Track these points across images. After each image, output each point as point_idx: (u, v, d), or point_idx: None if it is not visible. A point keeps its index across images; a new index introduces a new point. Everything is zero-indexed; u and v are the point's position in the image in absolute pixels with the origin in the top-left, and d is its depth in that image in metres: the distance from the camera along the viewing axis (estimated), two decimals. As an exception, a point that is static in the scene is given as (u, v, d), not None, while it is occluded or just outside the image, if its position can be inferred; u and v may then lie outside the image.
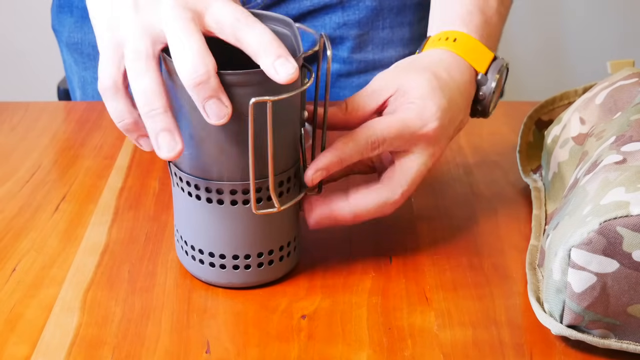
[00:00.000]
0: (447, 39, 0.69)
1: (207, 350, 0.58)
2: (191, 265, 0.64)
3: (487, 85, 0.69)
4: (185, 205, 0.62)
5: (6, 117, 0.91)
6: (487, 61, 0.69)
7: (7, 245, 0.69)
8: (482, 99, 0.69)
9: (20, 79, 2.09)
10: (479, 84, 0.69)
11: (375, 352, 0.58)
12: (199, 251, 0.63)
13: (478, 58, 0.69)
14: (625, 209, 0.54)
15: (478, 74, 0.69)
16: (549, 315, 0.58)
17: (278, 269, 0.64)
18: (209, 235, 0.62)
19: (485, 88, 0.69)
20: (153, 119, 0.56)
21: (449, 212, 0.73)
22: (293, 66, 0.55)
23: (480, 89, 0.69)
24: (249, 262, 0.62)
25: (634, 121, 0.62)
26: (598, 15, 2.04)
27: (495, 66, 0.69)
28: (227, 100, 0.56)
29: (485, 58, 0.69)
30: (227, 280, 0.63)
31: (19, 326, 0.60)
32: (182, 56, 0.55)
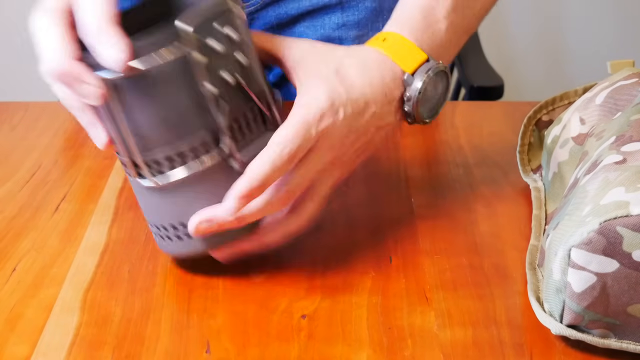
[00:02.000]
0: (377, 39, 0.67)
1: (207, 350, 0.58)
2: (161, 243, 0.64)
3: (413, 85, 0.66)
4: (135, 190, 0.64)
5: (6, 117, 0.91)
6: (417, 62, 0.66)
7: (7, 245, 0.69)
8: (407, 100, 0.66)
9: (20, 79, 2.09)
10: (405, 84, 0.66)
11: (375, 352, 0.58)
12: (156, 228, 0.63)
13: (406, 58, 0.66)
14: (625, 209, 0.54)
15: (404, 74, 0.66)
16: (549, 315, 0.58)
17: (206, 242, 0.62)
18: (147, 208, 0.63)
19: (410, 89, 0.66)
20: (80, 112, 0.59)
21: (449, 212, 0.73)
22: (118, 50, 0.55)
23: (407, 89, 0.66)
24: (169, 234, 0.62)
25: (634, 121, 0.62)
26: (598, 15, 2.04)
27: (425, 68, 0.66)
28: (95, 80, 0.56)
29: (414, 58, 0.66)
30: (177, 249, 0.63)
31: (19, 326, 0.60)
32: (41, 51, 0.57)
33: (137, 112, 0.59)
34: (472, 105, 0.93)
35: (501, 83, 1.29)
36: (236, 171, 0.61)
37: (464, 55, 1.38)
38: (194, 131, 0.59)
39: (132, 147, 0.60)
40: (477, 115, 0.90)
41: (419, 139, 0.85)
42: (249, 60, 0.61)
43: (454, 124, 0.88)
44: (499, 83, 1.29)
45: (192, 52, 0.57)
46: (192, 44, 0.57)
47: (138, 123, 0.59)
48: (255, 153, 0.60)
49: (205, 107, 0.59)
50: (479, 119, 0.89)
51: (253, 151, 0.61)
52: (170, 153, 0.60)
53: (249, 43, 0.62)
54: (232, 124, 0.61)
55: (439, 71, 0.67)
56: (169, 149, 0.59)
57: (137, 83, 0.58)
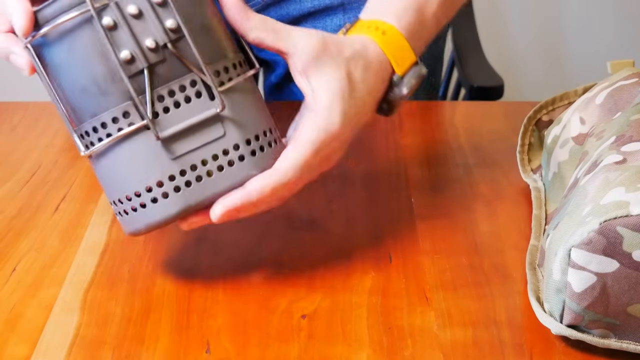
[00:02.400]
0: (377, 29, 0.66)
1: (207, 350, 0.58)
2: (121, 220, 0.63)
3: (399, 88, 0.66)
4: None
5: (6, 117, 0.91)
6: (408, 64, 0.66)
7: (7, 245, 0.69)
8: (390, 99, 0.66)
9: (21, 79, 2.09)
10: (392, 85, 0.66)
11: (375, 352, 0.58)
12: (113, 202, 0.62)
13: (400, 58, 0.66)
14: (625, 209, 0.54)
15: (394, 74, 0.66)
16: (549, 315, 0.58)
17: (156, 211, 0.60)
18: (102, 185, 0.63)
19: (397, 90, 0.66)
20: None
21: (449, 212, 0.73)
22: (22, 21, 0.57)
23: (392, 90, 0.66)
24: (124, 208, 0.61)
25: (634, 121, 0.62)
26: (598, 15, 2.04)
27: (414, 72, 0.66)
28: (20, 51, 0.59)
29: (406, 60, 0.66)
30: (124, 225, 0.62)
31: (19, 326, 0.60)
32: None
33: (61, 80, 0.59)
34: (472, 105, 0.93)
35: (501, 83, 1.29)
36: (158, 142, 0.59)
37: (464, 55, 1.38)
38: (115, 100, 0.59)
39: (65, 118, 0.61)
40: (477, 115, 0.90)
41: (419, 139, 0.85)
42: (184, 25, 0.59)
43: (454, 124, 0.88)
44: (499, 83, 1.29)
45: (94, 14, 0.57)
46: (94, 6, 0.57)
47: (63, 92, 0.59)
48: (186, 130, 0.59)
49: (124, 75, 0.58)
50: (479, 119, 0.89)
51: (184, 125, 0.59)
52: (95, 124, 0.59)
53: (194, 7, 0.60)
54: (162, 95, 0.59)
55: (421, 77, 0.67)
56: (94, 119, 0.59)
57: (52, 47, 0.58)
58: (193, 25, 0.59)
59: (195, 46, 0.59)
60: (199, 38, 0.60)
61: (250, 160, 0.61)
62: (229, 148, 0.60)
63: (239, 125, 0.61)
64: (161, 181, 0.59)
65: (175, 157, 0.59)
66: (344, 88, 0.62)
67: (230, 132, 0.60)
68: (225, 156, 0.60)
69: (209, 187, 0.60)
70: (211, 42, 0.60)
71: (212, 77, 0.60)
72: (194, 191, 0.60)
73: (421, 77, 0.67)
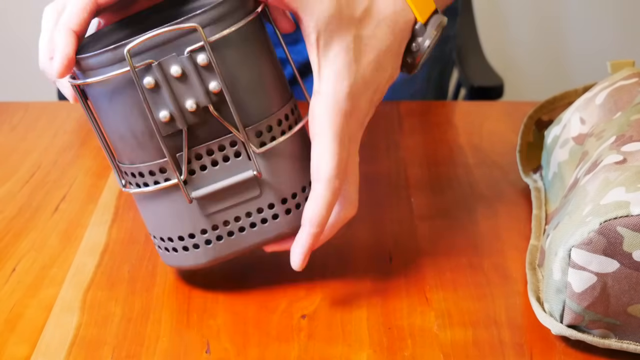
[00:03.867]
0: None
1: (207, 350, 0.58)
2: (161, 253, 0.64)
3: (424, 38, 0.63)
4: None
5: (6, 117, 0.91)
6: (429, 12, 0.63)
7: (7, 245, 0.69)
8: (414, 50, 0.63)
9: (20, 79, 2.09)
10: (415, 34, 0.63)
11: (375, 352, 0.58)
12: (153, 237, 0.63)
13: (421, 6, 0.63)
14: (625, 209, 0.54)
15: (417, 23, 0.63)
16: (549, 315, 0.58)
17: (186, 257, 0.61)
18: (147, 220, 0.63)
19: (420, 40, 0.63)
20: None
21: (449, 212, 0.73)
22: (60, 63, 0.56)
23: (416, 39, 0.63)
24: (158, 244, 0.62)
25: (634, 121, 0.62)
26: (598, 15, 2.04)
27: (435, 20, 0.63)
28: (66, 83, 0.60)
29: (427, 8, 0.63)
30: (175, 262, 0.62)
31: (19, 326, 0.60)
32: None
33: (101, 122, 0.60)
34: (472, 105, 0.93)
35: (501, 83, 1.29)
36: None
37: (464, 55, 1.38)
38: (152, 154, 0.58)
39: (105, 150, 0.61)
40: (477, 115, 0.90)
41: (419, 139, 0.85)
42: (230, 89, 0.57)
43: (454, 124, 0.88)
44: (499, 83, 1.29)
45: (135, 76, 0.55)
46: (135, 67, 0.55)
47: (106, 133, 0.60)
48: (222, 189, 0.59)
49: (165, 134, 0.57)
50: (479, 119, 0.89)
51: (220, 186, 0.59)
52: (133, 170, 0.60)
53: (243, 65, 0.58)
54: (200, 154, 0.58)
55: (441, 27, 0.64)
56: (132, 167, 0.60)
57: (94, 95, 0.58)
58: (239, 86, 0.58)
59: (237, 110, 0.58)
60: (245, 97, 0.58)
61: (284, 218, 0.61)
62: (263, 207, 0.60)
63: (276, 185, 0.60)
64: (193, 233, 0.60)
65: (209, 213, 0.60)
66: (349, 59, 0.59)
67: (267, 192, 0.60)
68: (259, 214, 0.60)
69: (240, 242, 0.61)
70: (257, 101, 0.59)
71: (253, 139, 0.59)
72: (224, 245, 0.61)
73: (441, 27, 0.64)
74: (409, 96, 1.02)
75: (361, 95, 0.60)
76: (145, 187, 0.60)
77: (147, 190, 0.59)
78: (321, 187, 0.59)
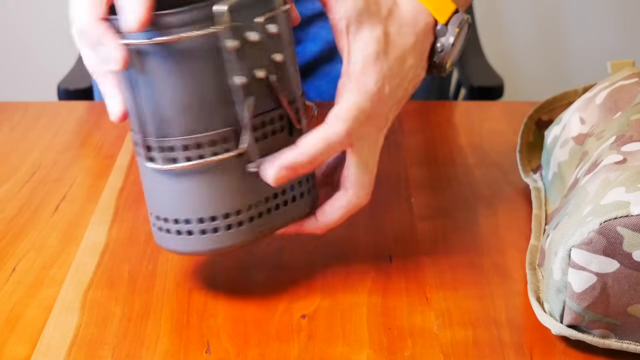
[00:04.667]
0: None
1: (207, 350, 0.58)
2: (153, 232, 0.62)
3: (446, 37, 0.64)
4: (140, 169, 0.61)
5: (6, 117, 0.91)
6: (449, 12, 0.64)
7: (7, 245, 0.69)
8: (439, 50, 0.65)
9: (20, 79, 2.09)
10: (438, 35, 0.65)
11: (375, 352, 0.58)
12: (150, 213, 0.61)
13: (440, 7, 0.64)
14: (625, 209, 0.54)
15: (438, 24, 0.64)
16: (549, 315, 0.58)
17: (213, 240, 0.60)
18: (148, 196, 0.60)
19: (444, 40, 0.64)
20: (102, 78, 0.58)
21: (449, 212, 0.73)
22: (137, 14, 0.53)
23: (439, 40, 0.64)
24: (178, 227, 0.59)
25: (634, 121, 0.62)
26: (598, 15, 2.04)
27: (456, 19, 0.65)
28: (114, 43, 0.55)
29: (447, 8, 0.65)
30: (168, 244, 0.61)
31: (19, 326, 0.60)
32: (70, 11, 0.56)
33: (159, 90, 0.56)
34: (472, 105, 0.94)
35: (501, 83, 1.29)
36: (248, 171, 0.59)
37: (464, 55, 1.38)
38: (216, 123, 0.57)
39: (148, 128, 0.57)
40: (477, 115, 0.90)
41: (419, 139, 0.85)
42: (286, 60, 0.58)
43: (454, 124, 0.88)
44: (499, 83, 1.29)
45: (225, 35, 0.55)
46: (226, 27, 0.54)
47: (159, 102, 0.56)
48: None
49: (231, 100, 0.57)
50: (479, 119, 0.89)
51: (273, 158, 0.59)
52: (188, 142, 0.57)
53: (290, 42, 0.59)
54: (257, 125, 0.58)
55: (466, 24, 0.66)
56: (188, 138, 0.57)
57: (162, 56, 0.55)
58: (290, 61, 0.59)
59: (292, 81, 0.59)
60: (292, 72, 0.60)
61: (308, 198, 0.63)
62: (295, 184, 0.61)
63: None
64: (240, 210, 0.59)
65: (257, 188, 0.59)
66: (379, 49, 0.60)
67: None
68: (291, 192, 0.61)
69: (273, 221, 0.61)
70: (297, 80, 0.61)
71: (303, 111, 0.61)
72: (261, 223, 0.60)
73: (465, 24, 0.66)
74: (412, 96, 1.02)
75: (385, 84, 0.61)
76: (201, 159, 0.57)
77: (205, 161, 0.57)
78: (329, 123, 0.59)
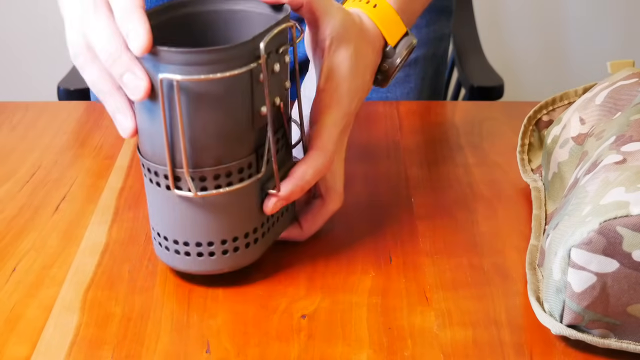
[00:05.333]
0: (368, 2, 0.69)
1: (207, 350, 0.58)
2: (162, 253, 0.63)
3: (393, 59, 0.69)
4: (148, 191, 0.62)
5: (6, 117, 0.91)
6: (399, 35, 0.70)
7: (7, 245, 0.69)
8: (383, 69, 0.70)
9: (20, 79, 2.09)
10: (385, 56, 0.69)
11: (375, 352, 0.58)
12: (164, 238, 0.62)
13: (391, 30, 0.69)
14: (625, 209, 0.54)
15: (387, 46, 0.69)
16: (549, 315, 0.58)
17: (234, 259, 0.63)
18: (167, 222, 0.61)
19: (390, 62, 0.69)
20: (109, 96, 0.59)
21: (449, 212, 0.73)
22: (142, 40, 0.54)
23: (386, 61, 0.69)
24: (201, 250, 0.62)
25: (634, 121, 0.62)
26: (598, 15, 2.04)
27: (405, 42, 0.70)
28: (142, 73, 0.56)
29: (398, 31, 0.69)
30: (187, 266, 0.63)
31: (19, 326, 0.60)
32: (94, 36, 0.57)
33: (197, 122, 0.57)
34: (472, 105, 0.94)
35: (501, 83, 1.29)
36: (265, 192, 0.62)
37: (464, 55, 1.38)
38: (244, 151, 0.60)
39: (181, 159, 0.58)
40: (477, 115, 0.90)
41: (419, 139, 0.85)
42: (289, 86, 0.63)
43: (454, 124, 0.88)
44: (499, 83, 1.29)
45: (258, 69, 0.58)
46: (263, 63, 0.57)
47: (196, 134, 0.58)
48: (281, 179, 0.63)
49: (256, 127, 0.60)
50: (479, 119, 0.89)
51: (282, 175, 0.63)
52: (219, 171, 0.59)
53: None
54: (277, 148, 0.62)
55: (412, 47, 0.70)
56: (219, 167, 0.59)
57: (204, 91, 0.56)
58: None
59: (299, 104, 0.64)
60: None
61: (292, 209, 0.68)
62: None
63: None
64: (257, 227, 0.63)
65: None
66: (351, 66, 0.65)
67: None
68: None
69: (274, 234, 0.66)
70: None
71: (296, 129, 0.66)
72: (269, 237, 0.65)
73: (412, 47, 0.70)
74: (405, 94, 1.02)
75: (354, 97, 0.66)
76: (228, 187, 0.60)
77: (235, 188, 0.60)
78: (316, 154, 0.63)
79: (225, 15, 0.64)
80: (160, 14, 0.62)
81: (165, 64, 0.55)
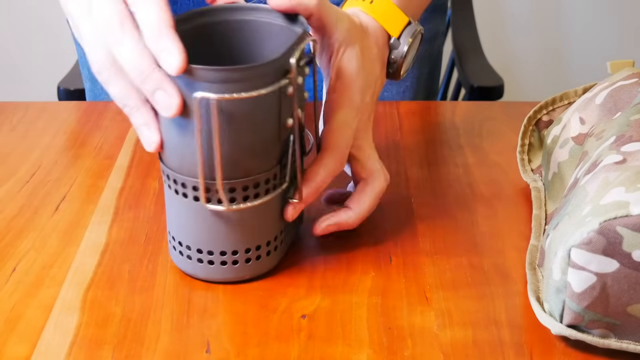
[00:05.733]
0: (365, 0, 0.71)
1: (207, 350, 0.58)
2: (181, 262, 0.64)
3: (399, 49, 0.71)
4: (169, 201, 0.63)
5: (6, 117, 0.91)
6: (401, 26, 0.71)
7: (7, 245, 0.69)
8: (393, 62, 0.71)
9: (20, 79, 2.09)
10: (391, 48, 0.71)
11: (375, 352, 0.58)
12: (187, 247, 0.63)
13: (392, 22, 0.70)
14: (625, 209, 0.54)
15: (391, 38, 0.70)
16: (549, 315, 0.58)
17: (257, 266, 0.64)
18: (192, 231, 0.62)
19: (396, 52, 0.71)
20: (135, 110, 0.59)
21: (449, 212, 0.73)
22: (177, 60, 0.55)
23: (392, 52, 0.71)
24: (225, 259, 0.63)
25: (634, 121, 0.62)
26: (598, 15, 2.04)
27: (409, 31, 0.71)
28: (174, 91, 0.56)
29: (399, 22, 0.71)
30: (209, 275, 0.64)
31: (19, 326, 0.60)
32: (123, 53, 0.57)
33: (232, 137, 0.58)
34: (472, 105, 0.93)
35: (501, 83, 1.29)
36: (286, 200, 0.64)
37: (464, 55, 1.38)
38: (271, 162, 0.61)
39: (214, 172, 0.59)
40: (477, 115, 0.90)
41: (419, 139, 0.85)
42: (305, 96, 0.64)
43: (454, 124, 0.88)
44: (499, 83, 1.29)
45: (289, 86, 0.59)
46: (292, 79, 0.59)
47: (230, 148, 0.59)
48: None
49: (281, 139, 0.61)
50: (479, 119, 0.89)
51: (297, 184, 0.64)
52: (248, 183, 0.60)
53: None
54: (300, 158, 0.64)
55: (419, 34, 0.72)
56: (249, 179, 0.60)
57: (239, 107, 0.57)
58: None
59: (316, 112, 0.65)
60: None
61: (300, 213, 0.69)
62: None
63: None
64: (277, 235, 0.64)
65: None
66: (358, 63, 0.66)
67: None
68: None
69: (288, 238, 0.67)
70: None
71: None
72: (287, 242, 0.67)
73: (418, 34, 0.72)
74: (401, 93, 1.02)
75: (366, 92, 0.68)
76: (256, 198, 0.61)
77: (264, 200, 0.61)
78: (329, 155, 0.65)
79: (237, 25, 0.65)
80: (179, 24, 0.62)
81: (199, 81, 0.56)
